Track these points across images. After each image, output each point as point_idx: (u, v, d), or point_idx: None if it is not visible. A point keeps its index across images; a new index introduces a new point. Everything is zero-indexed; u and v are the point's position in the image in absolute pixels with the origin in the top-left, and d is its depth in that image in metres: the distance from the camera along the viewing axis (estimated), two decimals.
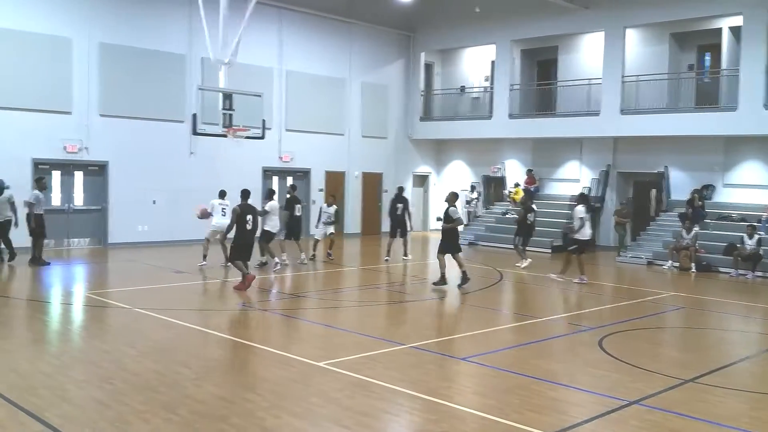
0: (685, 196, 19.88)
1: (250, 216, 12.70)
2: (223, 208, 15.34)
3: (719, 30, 20.43)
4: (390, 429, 6.32)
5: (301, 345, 9.09)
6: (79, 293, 12.76)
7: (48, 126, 17.66)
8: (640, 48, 22.07)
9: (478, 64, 26.51)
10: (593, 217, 20.88)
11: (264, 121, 16.16)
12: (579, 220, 15.03)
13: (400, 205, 18.20)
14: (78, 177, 18.60)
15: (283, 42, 22.36)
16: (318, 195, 22.86)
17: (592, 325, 10.90)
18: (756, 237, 17.07)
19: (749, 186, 19.79)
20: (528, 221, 17.74)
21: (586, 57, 23.32)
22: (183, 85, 19.87)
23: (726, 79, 20.00)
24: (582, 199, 15.76)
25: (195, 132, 15.62)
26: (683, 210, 19.40)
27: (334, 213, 17.28)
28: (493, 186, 25.83)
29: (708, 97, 20.15)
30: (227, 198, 15.67)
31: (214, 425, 6.03)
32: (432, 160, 27.51)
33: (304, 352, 8.50)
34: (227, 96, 15.18)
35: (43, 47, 17.52)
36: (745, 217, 18.74)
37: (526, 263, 17.34)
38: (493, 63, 24.90)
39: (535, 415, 6.48)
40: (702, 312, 12.72)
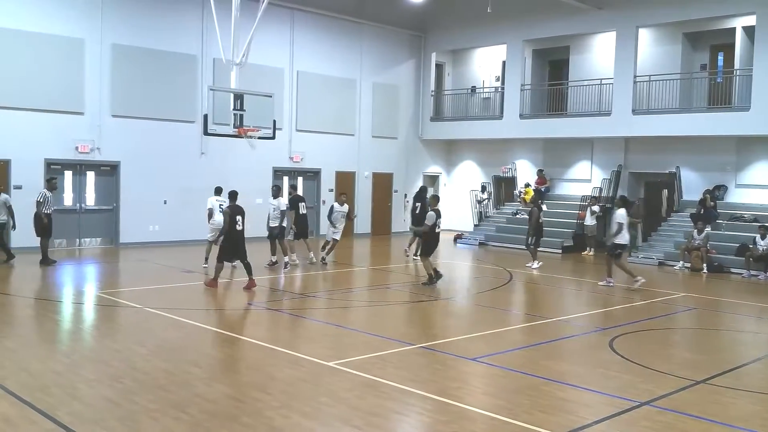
0: (697, 196, 19.81)
1: (239, 217, 12.84)
2: (221, 204, 15.32)
3: (733, 30, 20.30)
4: (400, 429, 6.32)
5: (311, 345, 9.09)
6: (91, 293, 12.84)
7: (60, 126, 17.77)
8: (652, 48, 21.95)
9: (489, 64, 26.47)
10: (603, 217, 20.89)
11: (275, 122, 16.15)
12: (617, 224, 14.41)
13: (418, 204, 18.18)
14: (90, 177, 18.71)
15: (295, 42, 22.40)
16: (328, 195, 22.86)
17: (603, 326, 10.85)
18: None
19: (762, 186, 19.63)
20: (540, 220, 17.67)
21: (597, 57, 23.23)
22: (194, 86, 19.95)
23: (739, 79, 19.88)
24: (623, 203, 15.00)
25: (206, 132, 15.64)
26: (695, 210, 19.31)
27: (346, 211, 17.11)
28: (504, 186, 25.76)
29: (721, 97, 20.04)
30: (223, 194, 15.50)
31: (223, 424, 6.04)
32: (442, 160, 27.47)
33: (313, 351, 8.51)
34: (238, 96, 15.20)
35: (56, 48, 17.63)
36: (758, 218, 18.62)
37: (537, 264, 17.29)
38: (504, 63, 24.86)
39: (545, 416, 6.45)
40: (714, 313, 12.64)
